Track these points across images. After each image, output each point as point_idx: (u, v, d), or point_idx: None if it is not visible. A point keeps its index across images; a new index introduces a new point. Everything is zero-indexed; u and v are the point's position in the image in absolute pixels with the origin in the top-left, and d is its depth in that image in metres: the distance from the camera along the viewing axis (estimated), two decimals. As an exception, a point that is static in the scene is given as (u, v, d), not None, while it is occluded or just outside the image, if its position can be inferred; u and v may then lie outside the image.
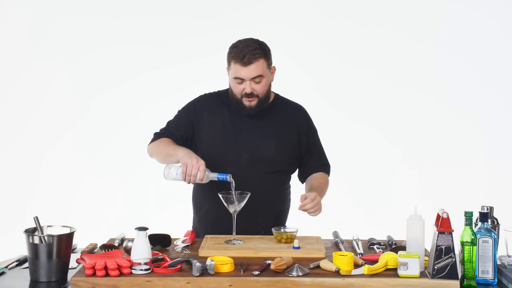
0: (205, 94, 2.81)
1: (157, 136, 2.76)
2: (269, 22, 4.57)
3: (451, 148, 4.67)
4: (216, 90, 2.82)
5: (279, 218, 2.76)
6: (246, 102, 2.62)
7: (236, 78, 2.59)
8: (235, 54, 2.57)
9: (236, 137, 2.67)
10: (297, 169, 2.83)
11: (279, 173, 2.74)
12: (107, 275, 2.07)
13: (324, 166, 2.82)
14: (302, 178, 2.83)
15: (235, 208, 2.46)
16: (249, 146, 2.67)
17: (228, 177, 2.50)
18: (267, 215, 2.68)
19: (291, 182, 2.86)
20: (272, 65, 2.68)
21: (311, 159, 2.79)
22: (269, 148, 2.68)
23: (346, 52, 4.68)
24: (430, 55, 4.64)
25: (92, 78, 4.69)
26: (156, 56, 4.67)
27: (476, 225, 2.17)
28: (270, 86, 2.68)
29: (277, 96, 2.80)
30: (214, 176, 2.51)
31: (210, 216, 2.74)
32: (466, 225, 2.09)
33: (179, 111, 2.79)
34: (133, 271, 2.09)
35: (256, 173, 2.66)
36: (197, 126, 2.72)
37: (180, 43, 4.64)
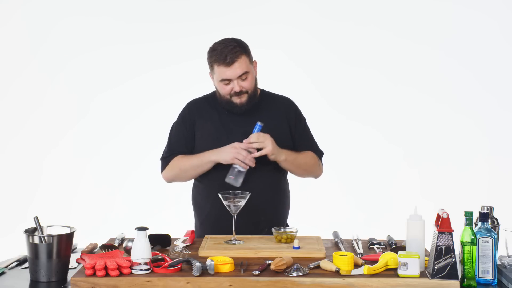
0: (194, 100, 2.81)
1: (165, 161, 2.75)
2: (269, 22, 4.57)
3: (451, 148, 4.67)
4: (202, 95, 2.82)
5: (281, 215, 2.75)
6: (236, 100, 2.63)
7: (222, 80, 2.59)
8: (217, 57, 2.57)
9: (228, 137, 2.66)
10: None
11: (276, 169, 2.72)
12: (107, 275, 2.07)
13: (315, 152, 2.79)
14: None
15: (235, 208, 2.46)
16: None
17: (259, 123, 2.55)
18: (268, 213, 2.68)
19: (289, 180, 2.86)
20: (253, 59, 2.68)
21: (301, 145, 2.76)
22: None
23: (346, 52, 4.68)
24: (430, 55, 4.64)
25: (92, 78, 4.69)
26: (156, 56, 4.67)
27: (476, 225, 2.17)
28: (256, 80, 2.69)
29: (263, 91, 2.80)
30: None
31: (212, 218, 2.73)
32: (466, 225, 2.09)
33: (173, 125, 2.79)
34: (133, 271, 2.09)
35: (252, 170, 2.65)
36: (194, 131, 2.73)
37: (180, 43, 4.64)
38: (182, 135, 2.74)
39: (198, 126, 2.72)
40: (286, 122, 2.74)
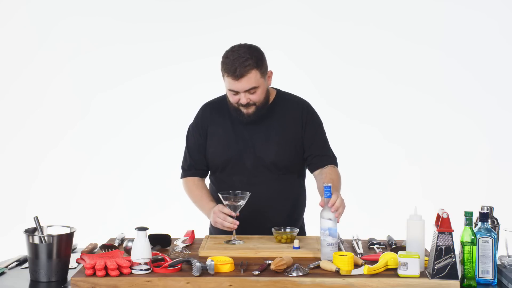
0: (206, 104, 2.78)
1: (184, 174, 2.78)
2: (269, 22, 4.57)
3: (452, 148, 4.67)
4: (217, 97, 2.79)
5: (294, 220, 2.71)
6: (243, 110, 2.59)
7: (230, 90, 2.56)
8: (227, 67, 2.51)
9: (238, 144, 2.65)
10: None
11: (286, 175, 2.69)
12: (107, 275, 2.07)
13: (327, 158, 2.69)
14: (309, 167, 2.72)
15: (235, 208, 2.45)
16: (251, 152, 2.64)
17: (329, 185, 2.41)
18: (279, 219, 2.64)
19: (306, 182, 2.81)
20: (269, 70, 2.60)
21: (311, 148, 2.68)
22: (271, 153, 2.63)
23: (346, 52, 4.68)
24: (430, 55, 4.64)
25: (92, 78, 4.69)
26: (156, 56, 4.67)
27: (476, 225, 2.17)
28: (267, 91, 2.62)
29: (279, 93, 2.74)
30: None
31: None
32: (466, 225, 2.09)
33: (189, 129, 2.77)
34: (133, 271, 2.09)
35: (262, 178, 2.64)
36: (206, 137, 2.72)
37: (180, 43, 4.64)
38: (196, 143, 2.73)
39: (210, 131, 2.70)
40: (296, 125, 2.67)
